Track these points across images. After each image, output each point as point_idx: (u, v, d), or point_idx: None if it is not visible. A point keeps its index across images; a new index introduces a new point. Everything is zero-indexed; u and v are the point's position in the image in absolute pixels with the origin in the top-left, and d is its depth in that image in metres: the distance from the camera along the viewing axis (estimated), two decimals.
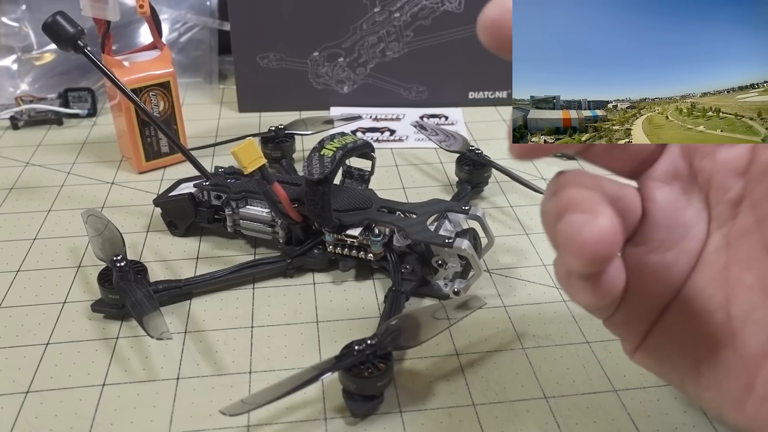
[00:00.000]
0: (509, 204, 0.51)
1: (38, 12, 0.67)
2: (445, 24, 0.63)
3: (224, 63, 0.72)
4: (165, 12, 0.69)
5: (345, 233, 0.41)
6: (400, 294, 0.39)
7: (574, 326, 0.39)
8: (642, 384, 0.35)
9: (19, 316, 0.40)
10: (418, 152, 0.59)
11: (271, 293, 0.42)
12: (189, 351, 0.37)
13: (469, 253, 0.38)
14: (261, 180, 0.40)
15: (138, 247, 0.46)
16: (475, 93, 0.66)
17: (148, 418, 0.33)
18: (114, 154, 0.57)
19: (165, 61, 0.53)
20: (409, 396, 0.35)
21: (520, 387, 0.35)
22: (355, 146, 0.41)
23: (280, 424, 0.33)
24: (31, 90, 0.66)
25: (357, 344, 0.33)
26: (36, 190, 0.53)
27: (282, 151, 0.54)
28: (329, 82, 0.65)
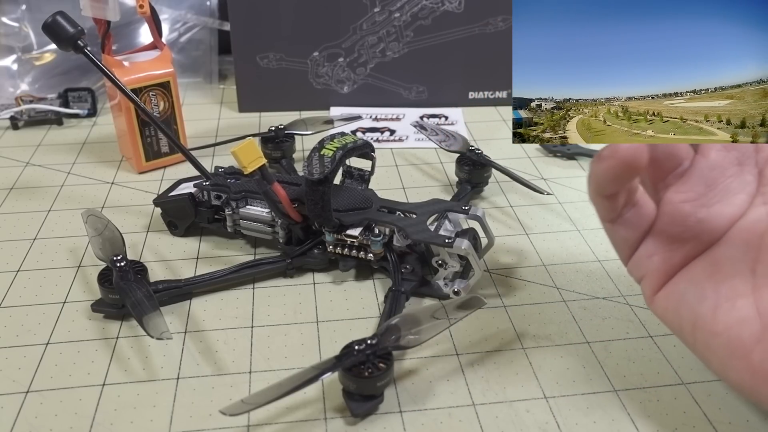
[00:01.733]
0: (509, 204, 0.51)
1: (38, 12, 0.67)
2: (445, 24, 0.63)
3: (224, 63, 0.72)
4: (165, 12, 0.69)
5: (345, 233, 0.41)
6: (400, 294, 0.39)
7: (574, 326, 0.39)
8: (642, 384, 0.35)
9: (19, 316, 0.40)
10: (418, 152, 0.59)
11: (271, 293, 0.42)
12: (189, 351, 0.37)
13: (469, 253, 0.38)
14: (261, 180, 0.40)
15: (138, 247, 0.46)
16: (475, 93, 0.66)
17: (148, 418, 0.33)
18: (114, 154, 0.57)
19: (165, 61, 0.53)
20: (409, 396, 0.35)
21: (520, 387, 0.35)
22: (355, 146, 0.41)
23: (280, 424, 0.33)
24: (31, 90, 0.66)
25: (357, 344, 0.33)
26: (36, 190, 0.52)
27: (282, 151, 0.54)
28: (329, 82, 0.65)
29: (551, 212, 0.50)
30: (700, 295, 0.29)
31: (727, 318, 0.28)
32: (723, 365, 0.29)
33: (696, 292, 0.29)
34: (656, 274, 0.31)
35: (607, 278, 0.43)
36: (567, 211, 0.50)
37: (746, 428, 0.33)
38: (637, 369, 0.36)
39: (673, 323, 0.31)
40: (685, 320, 0.30)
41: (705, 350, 0.29)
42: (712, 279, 0.29)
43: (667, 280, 0.30)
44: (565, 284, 0.42)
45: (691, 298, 0.29)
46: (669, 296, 0.30)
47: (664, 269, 0.30)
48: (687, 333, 0.30)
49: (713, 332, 0.29)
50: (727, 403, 0.34)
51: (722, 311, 0.28)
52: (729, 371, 0.28)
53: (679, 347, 0.37)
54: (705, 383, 0.35)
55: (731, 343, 0.28)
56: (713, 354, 0.29)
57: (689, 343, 0.30)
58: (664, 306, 0.31)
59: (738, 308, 0.28)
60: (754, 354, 0.27)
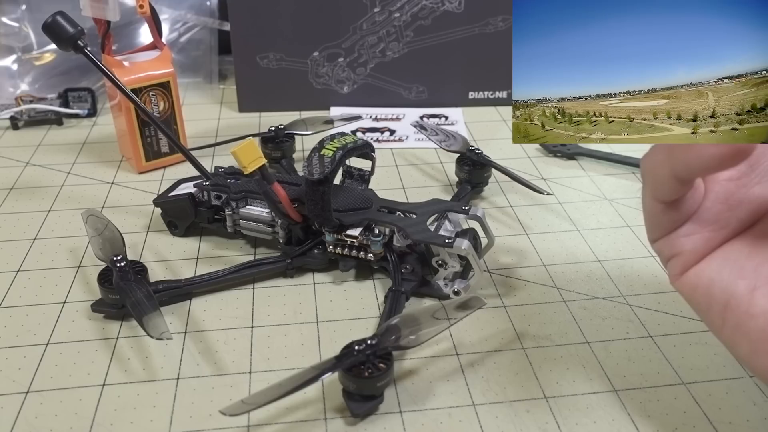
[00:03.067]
0: (509, 204, 0.51)
1: (38, 12, 0.67)
2: (445, 24, 0.63)
3: (224, 63, 0.72)
4: (165, 12, 0.69)
5: (345, 233, 0.41)
6: (400, 294, 0.39)
7: (574, 326, 0.39)
8: (642, 384, 0.35)
9: (19, 316, 0.40)
10: (418, 152, 0.59)
11: (271, 293, 0.42)
12: (189, 351, 0.37)
13: (469, 253, 0.38)
14: (261, 180, 0.40)
15: (138, 247, 0.46)
16: (475, 93, 0.66)
17: (148, 418, 0.33)
18: (114, 154, 0.57)
19: (165, 61, 0.53)
20: (409, 396, 0.35)
21: (520, 387, 0.35)
22: (355, 146, 0.41)
23: (280, 424, 0.33)
24: (31, 90, 0.66)
25: (357, 344, 0.33)
26: (36, 190, 0.53)
27: (282, 151, 0.54)
28: (329, 82, 0.65)
29: (551, 212, 0.50)
30: (738, 274, 0.28)
31: (766, 301, 0.27)
32: (754, 349, 0.27)
33: (733, 272, 0.28)
34: (692, 253, 0.29)
35: (607, 278, 0.43)
36: (567, 211, 0.50)
37: (746, 428, 0.33)
38: (637, 369, 0.36)
39: (701, 303, 0.29)
40: (716, 300, 0.28)
41: (735, 332, 0.28)
42: (751, 259, 0.28)
43: (701, 259, 0.29)
44: (565, 284, 0.42)
45: (726, 277, 0.28)
46: (701, 274, 0.29)
47: (701, 248, 0.29)
48: (716, 314, 0.29)
49: (749, 314, 0.27)
50: (727, 403, 0.34)
51: (761, 293, 0.27)
52: (760, 356, 0.27)
53: (679, 347, 0.37)
54: (705, 383, 0.35)
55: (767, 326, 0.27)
56: (745, 336, 0.28)
57: (716, 324, 0.29)
58: (694, 283, 0.29)
59: None
60: None
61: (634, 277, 0.43)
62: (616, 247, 0.46)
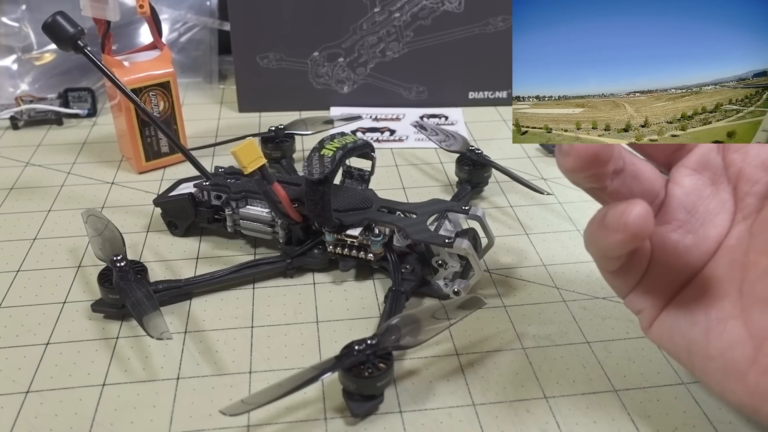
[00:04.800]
0: (509, 204, 0.51)
1: (38, 12, 0.67)
2: (445, 24, 0.63)
3: (224, 63, 0.72)
4: (165, 12, 0.69)
5: (345, 233, 0.41)
6: (400, 294, 0.39)
7: (574, 326, 0.39)
8: (642, 384, 0.35)
9: (19, 316, 0.40)
10: (418, 152, 0.59)
11: (271, 293, 0.42)
12: (189, 351, 0.37)
13: (469, 253, 0.38)
14: (261, 180, 0.40)
15: (138, 247, 0.46)
16: (475, 93, 0.66)
17: (148, 418, 0.33)
18: (114, 154, 0.57)
19: (165, 61, 0.53)
20: (409, 396, 0.35)
21: (520, 387, 0.35)
22: (355, 146, 0.41)
23: (280, 424, 0.33)
24: (31, 90, 0.66)
25: (357, 344, 0.33)
26: (36, 190, 0.53)
27: (282, 151, 0.54)
28: (329, 82, 0.65)
29: (551, 212, 0.50)
30: (691, 320, 0.29)
31: (720, 341, 0.28)
32: (721, 388, 0.28)
33: (687, 318, 0.29)
34: (652, 308, 0.30)
35: None
36: (567, 211, 0.50)
37: (746, 428, 0.33)
38: (637, 369, 0.36)
39: (670, 351, 0.31)
40: (680, 347, 0.30)
41: (702, 375, 0.29)
42: (701, 303, 0.29)
43: (662, 311, 0.30)
44: (565, 284, 0.42)
45: (683, 325, 0.29)
46: (662, 325, 0.30)
47: (659, 301, 0.30)
48: (684, 359, 0.30)
49: (707, 356, 0.28)
50: None
51: (714, 335, 0.28)
52: (727, 393, 0.28)
53: None
54: None
55: (726, 366, 0.28)
56: (710, 378, 0.29)
57: (688, 368, 0.30)
58: (659, 335, 0.31)
59: (729, 330, 0.28)
60: (749, 376, 0.27)
61: None
62: None
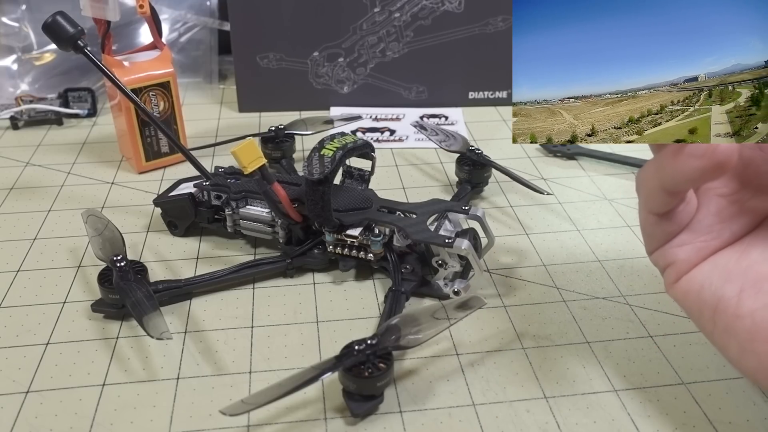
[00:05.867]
0: (509, 204, 0.51)
1: (38, 12, 0.67)
2: (445, 24, 0.63)
3: (224, 63, 0.72)
4: (165, 12, 0.69)
5: (345, 233, 0.41)
6: (400, 294, 0.39)
7: (574, 326, 0.39)
8: (642, 384, 0.35)
9: (19, 316, 0.40)
10: (418, 152, 0.59)
11: (271, 293, 0.42)
12: (189, 351, 0.37)
13: (469, 253, 0.38)
14: (261, 180, 0.40)
15: (138, 247, 0.46)
16: (475, 93, 0.66)
17: (148, 418, 0.33)
18: (114, 154, 0.57)
19: (165, 61, 0.53)
20: (409, 396, 0.35)
21: (520, 387, 0.35)
22: (355, 146, 0.41)
23: (280, 424, 0.33)
24: (31, 90, 0.66)
25: (357, 344, 0.33)
26: (36, 190, 0.53)
27: (282, 151, 0.54)
28: (329, 82, 0.65)
29: (551, 212, 0.50)
30: (726, 278, 0.29)
31: (753, 301, 0.28)
32: (742, 350, 0.28)
33: (721, 276, 0.29)
34: (684, 262, 0.30)
35: (607, 278, 0.43)
36: (567, 211, 0.50)
37: (746, 428, 0.33)
38: (637, 369, 0.36)
39: (693, 308, 0.30)
40: (706, 304, 0.30)
41: (724, 334, 0.29)
42: (739, 263, 0.29)
43: (693, 267, 0.30)
44: (565, 284, 0.42)
45: (715, 282, 0.29)
46: (692, 280, 0.30)
47: (693, 257, 0.30)
48: (707, 318, 0.30)
49: (737, 315, 0.28)
50: (727, 403, 0.34)
51: (748, 294, 0.28)
52: (748, 356, 0.28)
53: (679, 347, 0.37)
54: (705, 383, 0.35)
55: (755, 326, 0.28)
56: (733, 337, 0.29)
57: (708, 328, 0.30)
58: (686, 290, 0.30)
59: (765, 292, 0.28)
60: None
61: (634, 277, 0.43)
62: (616, 247, 0.46)
